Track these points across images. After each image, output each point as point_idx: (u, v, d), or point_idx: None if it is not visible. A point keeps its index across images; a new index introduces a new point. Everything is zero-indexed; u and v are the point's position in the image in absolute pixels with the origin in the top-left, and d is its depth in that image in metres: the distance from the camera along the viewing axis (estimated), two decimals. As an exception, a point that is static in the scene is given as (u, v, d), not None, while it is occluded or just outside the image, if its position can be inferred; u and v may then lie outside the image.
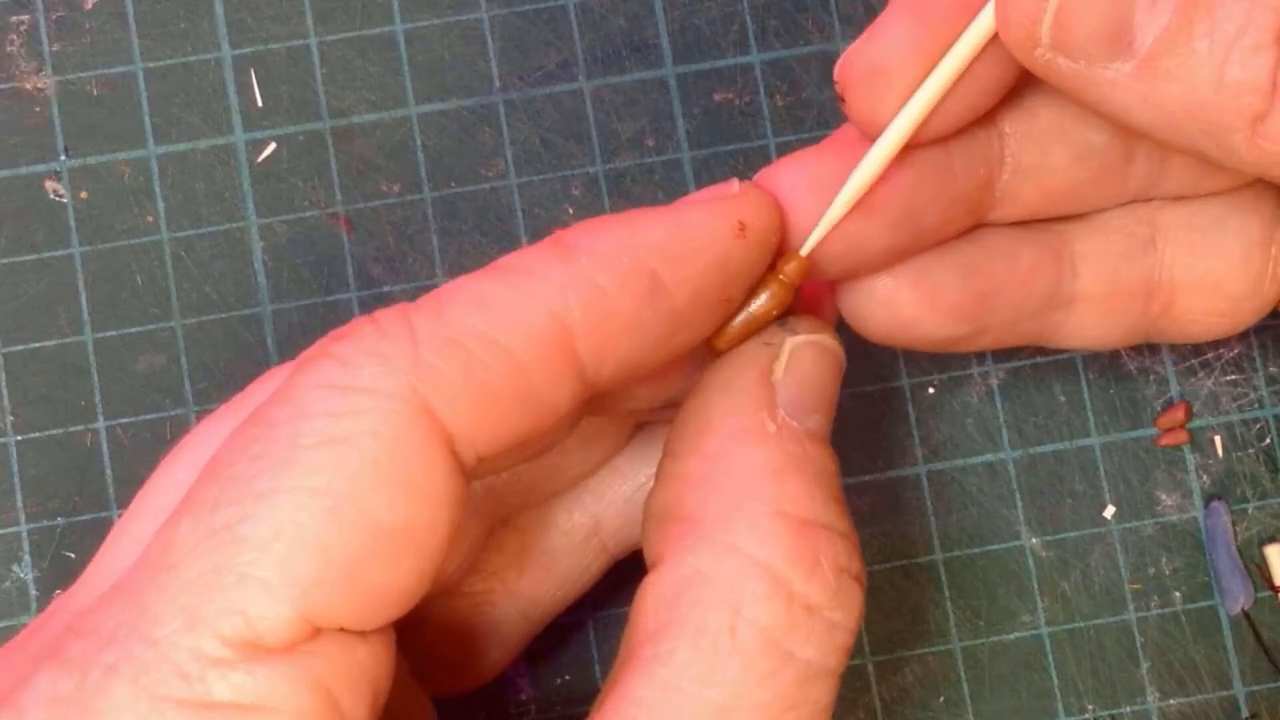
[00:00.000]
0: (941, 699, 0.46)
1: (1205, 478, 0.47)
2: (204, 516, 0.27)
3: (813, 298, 0.37)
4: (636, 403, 0.35)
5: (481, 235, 0.47)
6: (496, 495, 0.38)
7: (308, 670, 0.27)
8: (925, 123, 0.33)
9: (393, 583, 0.28)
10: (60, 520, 0.46)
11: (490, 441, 0.29)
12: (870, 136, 0.33)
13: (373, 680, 0.29)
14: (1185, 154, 0.31)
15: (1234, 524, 0.46)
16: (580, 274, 0.30)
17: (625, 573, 0.40)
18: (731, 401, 0.33)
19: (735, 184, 0.33)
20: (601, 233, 0.31)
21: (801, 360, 0.33)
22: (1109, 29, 0.29)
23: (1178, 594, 0.46)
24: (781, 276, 0.34)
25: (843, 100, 0.33)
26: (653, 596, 0.31)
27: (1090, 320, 0.39)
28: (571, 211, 0.47)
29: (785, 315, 0.34)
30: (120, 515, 0.35)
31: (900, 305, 0.36)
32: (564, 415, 0.31)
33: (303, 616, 0.27)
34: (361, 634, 0.28)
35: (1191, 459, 0.47)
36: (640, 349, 0.31)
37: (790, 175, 0.34)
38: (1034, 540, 0.47)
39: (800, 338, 0.33)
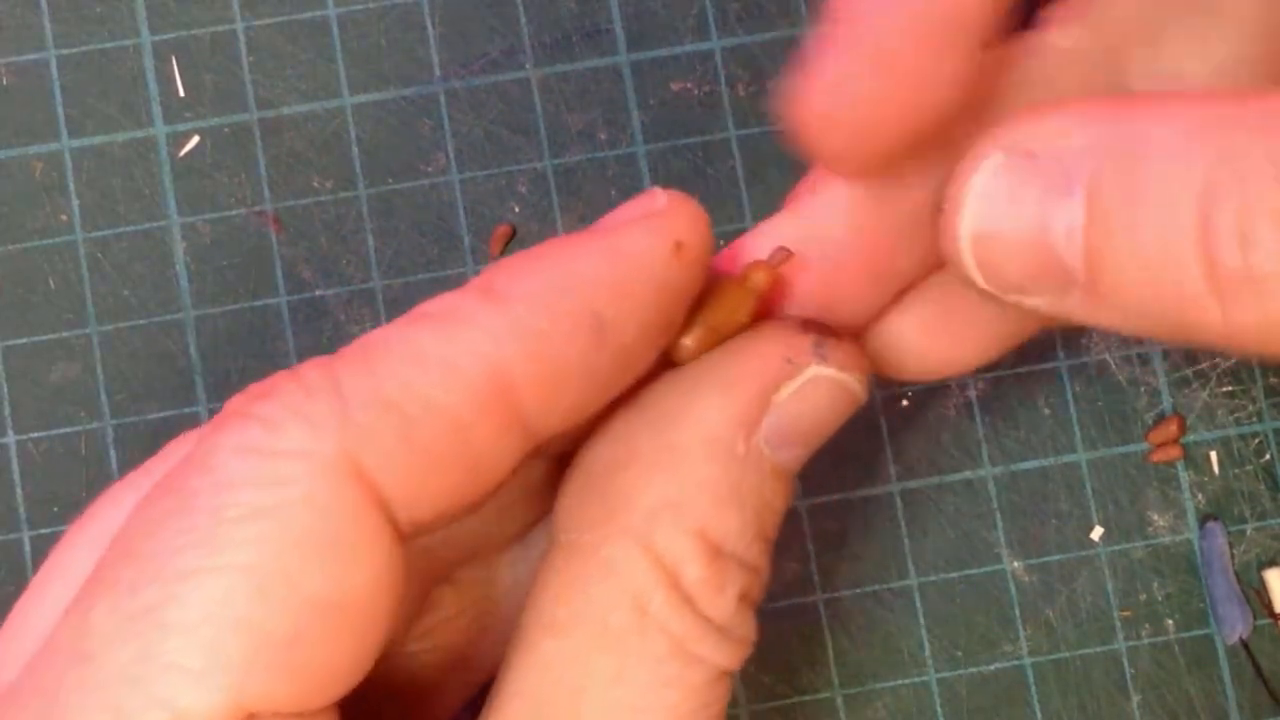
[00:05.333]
0: (915, 735, 0.45)
1: (1200, 496, 0.46)
2: (122, 600, 0.26)
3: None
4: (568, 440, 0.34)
5: (420, 235, 0.45)
6: (431, 553, 0.36)
7: None
8: None
9: (332, 661, 0.27)
10: (-38, 543, 0.44)
11: (429, 506, 0.28)
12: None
13: None
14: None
15: (1231, 546, 0.45)
16: (518, 320, 0.29)
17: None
18: (717, 402, 0.31)
19: (661, 194, 0.32)
20: (533, 274, 0.30)
21: (813, 393, 0.32)
22: (1034, 263, 0.28)
23: (1170, 622, 0.45)
24: (749, 284, 0.32)
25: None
26: (556, 578, 0.31)
27: None
28: (517, 210, 0.46)
29: (828, 335, 0.32)
30: (27, 586, 0.33)
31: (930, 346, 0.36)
32: (508, 473, 0.30)
33: (236, 704, 0.26)
34: (300, 716, 0.27)
35: (1185, 476, 0.46)
36: (587, 394, 0.30)
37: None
38: (1016, 564, 0.45)
39: (825, 370, 0.32)
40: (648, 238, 0.31)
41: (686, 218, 0.31)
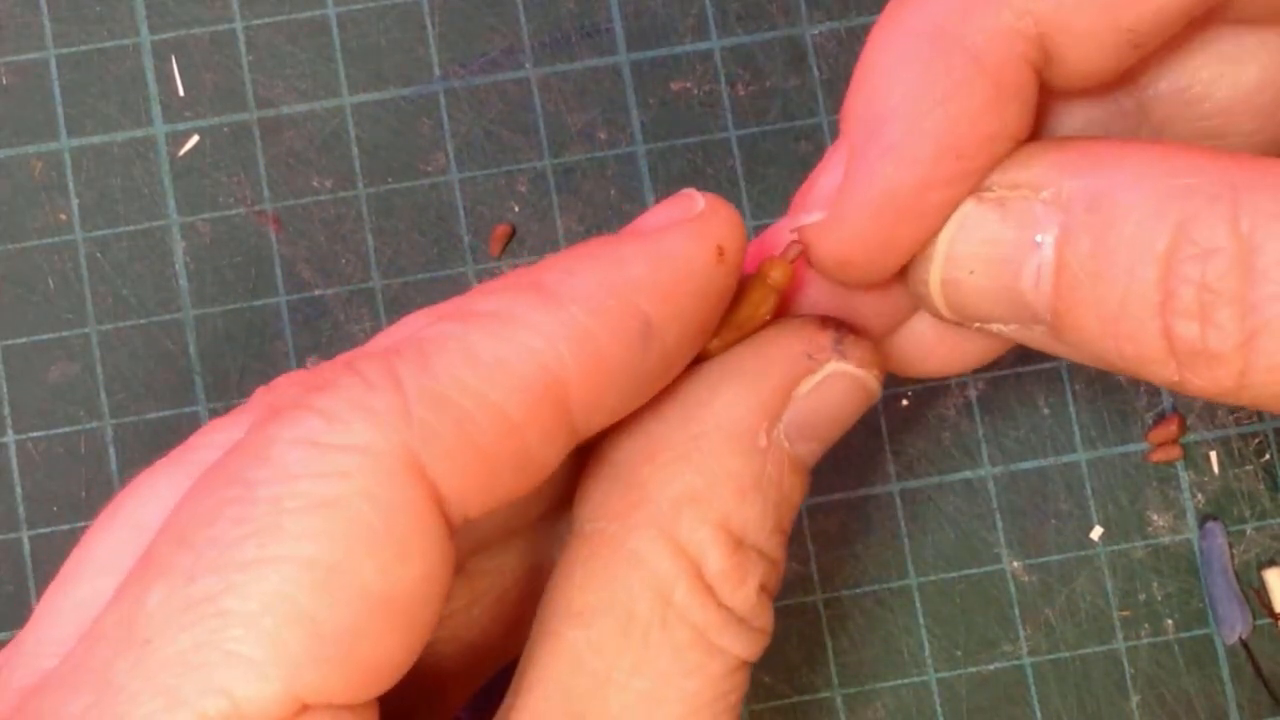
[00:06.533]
0: (915, 735, 0.44)
1: (1200, 496, 0.45)
2: (180, 588, 0.26)
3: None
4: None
5: (420, 235, 0.45)
6: None
7: None
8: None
9: (384, 654, 0.27)
10: (-38, 542, 0.44)
11: (478, 502, 0.28)
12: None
13: None
14: None
15: (1230, 546, 0.45)
16: (570, 322, 0.29)
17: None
18: (741, 396, 0.32)
19: (698, 197, 0.32)
20: (583, 273, 0.30)
21: (832, 388, 0.33)
22: (1001, 302, 0.30)
23: (1170, 621, 0.45)
24: (770, 282, 0.33)
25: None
26: (580, 568, 0.31)
27: None
28: (517, 209, 0.45)
29: (846, 332, 0.33)
30: (52, 581, 0.34)
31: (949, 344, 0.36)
32: (552, 469, 0.30)
33: (291, 694, 0.26)
34: (350, 708, 0.27)
35: (1185, 476, 0.45)
36: (630, 394, 0.31)
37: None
38: (1015, 564, 0.45)
39: (844, 366, 0.33)
40: (693, 242, 0.31)
41: (726, 222, 0.32)
